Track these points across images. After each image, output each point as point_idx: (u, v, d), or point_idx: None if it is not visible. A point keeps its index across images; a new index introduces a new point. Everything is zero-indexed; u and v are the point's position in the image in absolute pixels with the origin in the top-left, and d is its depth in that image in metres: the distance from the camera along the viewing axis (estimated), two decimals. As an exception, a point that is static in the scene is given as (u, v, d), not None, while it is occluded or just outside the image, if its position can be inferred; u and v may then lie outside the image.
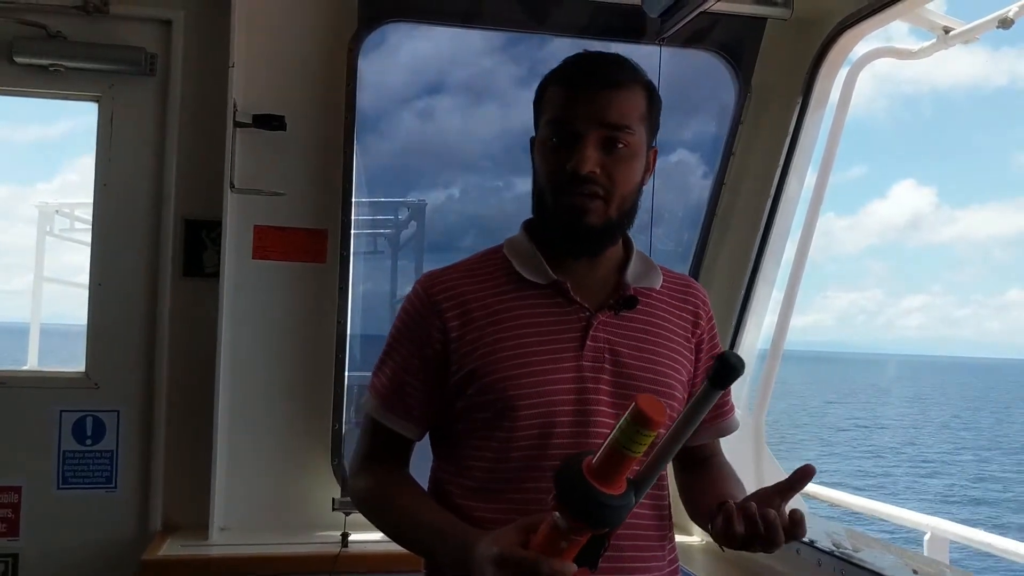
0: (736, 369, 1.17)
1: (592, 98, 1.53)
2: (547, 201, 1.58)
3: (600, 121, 1.52)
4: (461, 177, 4.28)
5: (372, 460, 1.68)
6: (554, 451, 1.51)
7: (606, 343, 1.57)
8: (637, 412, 1.19)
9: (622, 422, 1.20)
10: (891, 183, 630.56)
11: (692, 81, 3.56)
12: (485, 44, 3.57)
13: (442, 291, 1.62)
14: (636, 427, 1.19)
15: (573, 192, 1.52)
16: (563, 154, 1.53)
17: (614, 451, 1.21)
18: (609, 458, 1.22)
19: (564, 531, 1.25)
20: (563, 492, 1.24)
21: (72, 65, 3.06)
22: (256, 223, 3.18)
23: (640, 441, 1.19)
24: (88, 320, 3.15)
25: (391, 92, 3.67)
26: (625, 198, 1.56)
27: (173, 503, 3.15)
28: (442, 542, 1.49)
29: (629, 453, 1.21)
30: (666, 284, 1.69)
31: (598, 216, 1.54)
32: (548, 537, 1.27)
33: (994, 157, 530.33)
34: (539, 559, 1.25)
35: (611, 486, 1.22)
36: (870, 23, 2.99)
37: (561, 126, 1.54)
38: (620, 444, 1.20)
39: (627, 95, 1.55)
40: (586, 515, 1.23)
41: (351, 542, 3.00)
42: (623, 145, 1.53)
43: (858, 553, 2.37)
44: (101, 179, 3.15)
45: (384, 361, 1.67)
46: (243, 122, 3.06)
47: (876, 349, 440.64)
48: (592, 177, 1.51)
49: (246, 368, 3.16)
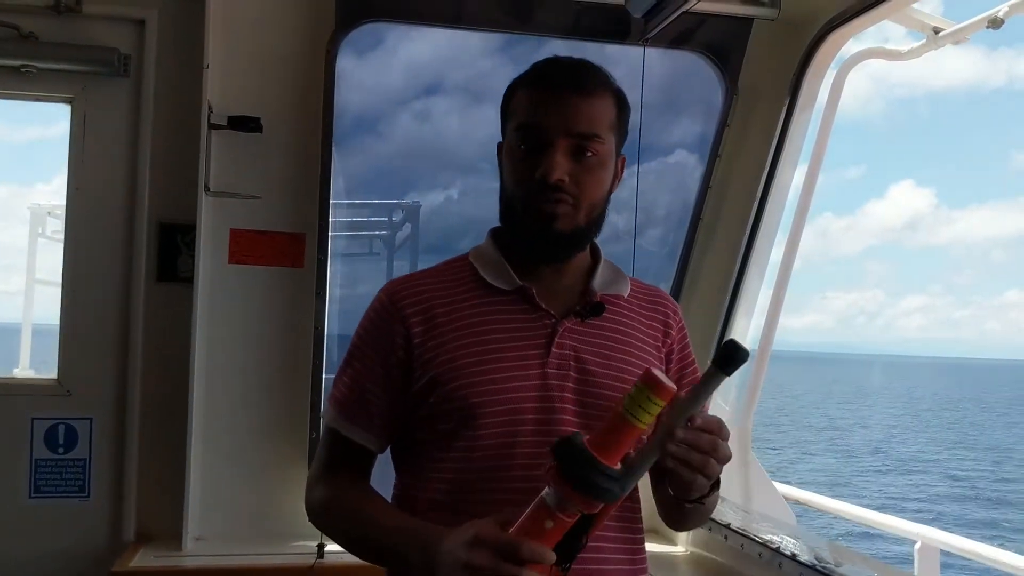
0: (743, 353, 1.21)
1: (562, 105, 1.50)
2: (516, 208, 1.54)
3: (569, 129, 1.49)
4: (455, 179, 4.24)
5: (330, 471, 1.62)
6: (518, 460, 1.46)
7: (572, 350, 1.53)
8: (649, 377, 1.20)
9: (632, 389, 1.22)
10: (889, 184, 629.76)
11: (678, 82, 3.51)
12: (479, 45, 3.53)
13: (406, 297, 1.58)
14: (646, 393, 1.20)
15: (542, 199, 1.49)
16: (532, 161, 1.50)
17: (619, 419, 1.22)
18: (612, 427, 1.22)
19: (552, 508, 1.22)
20: (562, 459, 1.22)
21: (44, 66, 3.01)
22: (232, 227, 3.12)
23: (648, 409, 1.20)
24: (60, 326, 3.10)
25: (384, 93, 3.63)
26: (594, 206, 1.54)
27: (147, 512, 3.09)
28: (405, 541, 1.42)
29: (634, 421, 1.21)
30: (635, 293, 1.66)
31: (567, 222, 1.51)
32: (533, 516, 1.24)
33: (992, 158, 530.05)
34: (519, 540, 1.23)
35: (609, 459, 1.21)
36: (858, 23, 2.94)
37: (530, 132, 1.51)
38: (626, 411, 1.21)
39: (597, 103, 1.52)
40: (586, 483, 1.20)
41: (327, 552, 2.94)
42: (592, 153, 1.50)
43: (840, 568, 2.32)
44: (74, 182, 3.10)
45: (344, 370, 1.62)
46: (218, 124, 3.01)
47: (876, 350, 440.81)
48: (561, 185, 1.48)
49: (221, 375, 3.11)
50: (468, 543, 1.27)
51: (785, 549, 2.58)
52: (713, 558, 3.06)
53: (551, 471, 1.23)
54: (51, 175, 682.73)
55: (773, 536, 2.71)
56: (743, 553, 2.81)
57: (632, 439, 1.22)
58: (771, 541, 2.68)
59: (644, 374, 1.21)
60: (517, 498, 1.42)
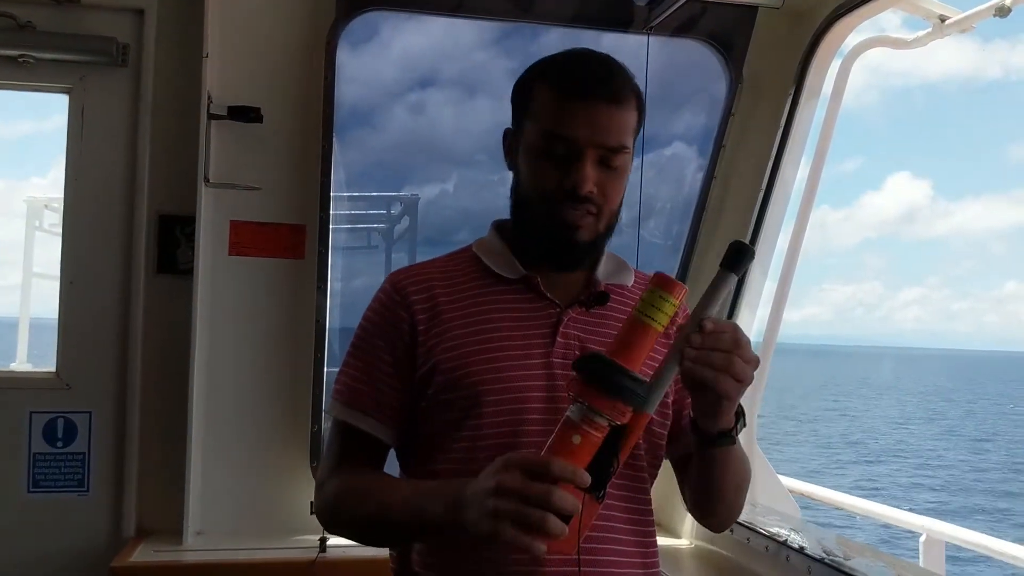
0: (749, 251, 1.25)
1: (592, 116, 1.46)
2: (536, 212, 1.52)
3: (599, 142, 1.46)
4: (454, 171, 4.20)
5: (342, 467, 1.56)
6: (524, 449, 1.41)
7: (577, 339, 1.52)
8: (660, 278, 1.22)
9: (643, 294, 1.23)
10: (886, 176, 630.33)
11: (682, 72, 3.48)
12: (480, 37, 3.50)
13: (411, 284, 1.56)
14: (658, 292, 1.21)
15: (568, 209, 1.48)
16: (558, 169, 1.47)
17: (634, 323, 1.22)
18: (628, 331, 1.23)
19: (578, 423, 1.20)
20: (585, 366, 1.21)
21: (42, 56, 2.98)
22: (232, 218, 3.09)
23: (662, 308, 1.21)
24: (59, 319, 3.06)
25: (383, 85, 3.60)
26: (613, 213, 1.54)
27: (147, 507, 3.07)
28: (429, 498, 1.37)
29: (650, 321, 1.21)
30: (639, 283, 1.64)
31: (589, 232, 1.50)
32: (559, 435, 1.21)
33: (987, 150, 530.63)
34: (550, 457, 1.18)
35: (632, 365, 1.21)
36: (863, 11, 2.91)
37: (558, 141, 1.47)
38: (640, 312, 1.21)
39: (625, 113, 1.49)
40: (608, 383, 1.19)
41: (329, 547, 2.92)
42: (618, 164, 1.49)
43: (849, 561, 2.30)
44: (72, 173, 3.06)
45: (349, 362, 1.58)
46: (218, 114, 2.97)
47: (874, 342, 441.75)
48: (590, 197, 1.47)
49: (222, 368, 3.08)
50: (496, 470, 1.22)
51: (792, 542, 2.55)
52: (719, 551, 3.04)
53: (575, 382, 1.21)
54: (46, 169, 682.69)
55: (780, 529, 2.69)
56: (749, 546, 2.79)
57: (650, 342, 1.22)
58: (778, 534, 2.65)
59: (655, 275, 1.21)
60: None
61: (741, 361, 1.26)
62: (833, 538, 2.51)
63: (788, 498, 3.39)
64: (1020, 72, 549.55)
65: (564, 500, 1.16)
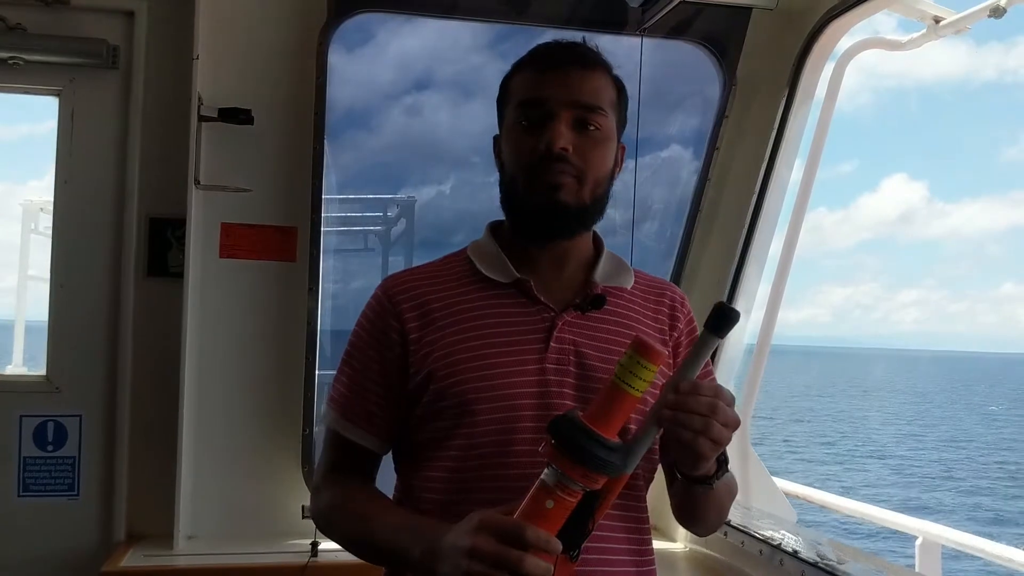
0: (734, 315, 1.21)
1: (564, 77, 1.47)
2: (518, 185, 1.50)
3: (572, 100, 1.46)
4: (450, 173, 4.19)
5: (334, 475, 1.59)
6: (516, 457, 1.42)
7: (571, 344, 1.49)
8: (638, 343, 1.18)
9: (622, 359, 1.19)
10: (881, 178, 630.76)
11: (676, 73, 3.47)
12: (473, 38, 3.49)
13: (402, 292, 1.54)
14: (637, 359, 1.17)
15: (545, 170, 1.45)
16: (534, 135, 1.46)
17: (612, 388, 1.18)
18: (606, 397, 1.19)
19: (552, 488, 1.18)
20: (558, 432, 1.18)
21: (32, 58, 2.97)
22: (223, 220, 3.08)
23: (640, 375, 1.17)
24: (49, 322, 3.05)
25: (376, 87, 3.59)
26: (598, 182, 1.49)
27: (137, 511, 3.05)
28: (408, 538, 1.38)
29: (628, 389, 1.18)
30: (639, 285, 1.61)
31: (570, 194, 1.46)
32: (534, 498, 1.20)
33: (981, 152, 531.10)
34: (523, 524, 1.18)
35: (606, 431, 1.18)
36: (857, 13, 2.91)
37: (531, 107, 1.47)
38: (619, 380, 1.18)
39: (599, 77, 1.50)
40: (583, 454, 1.16)
41: (321, 551, 2.90)
42: (595, 127, 1.47)
43: (842, 565, 2.28)
44: (62, 176, 3.06)
45: (343, 370, 1.58)
46: (208, 116, 2.96)
47: (872, 344, 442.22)
48: (564, 155, 1.44)
49: (213, 371, 3.06)
50: (471, 530, 1.22)
51: (786, 546, 2.54)
52: (713, 555, 3.02)
53: (547, 447, 1.19)
54: (43, 172, 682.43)
55: (774, 533, 2.67)
56: (743, 550, 2.78)
57: (628, 408, 1.19)
58: (772, 538, 2.64)
59: (634, 340, 1.18)
60: (516, 495, 1.38)
61: (719, 425, 1.25)
62: (827, 542, 2.50)
63: (783, 501, 3.37)
64: (1015, 74, 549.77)
65: (536, 568, 1.16)
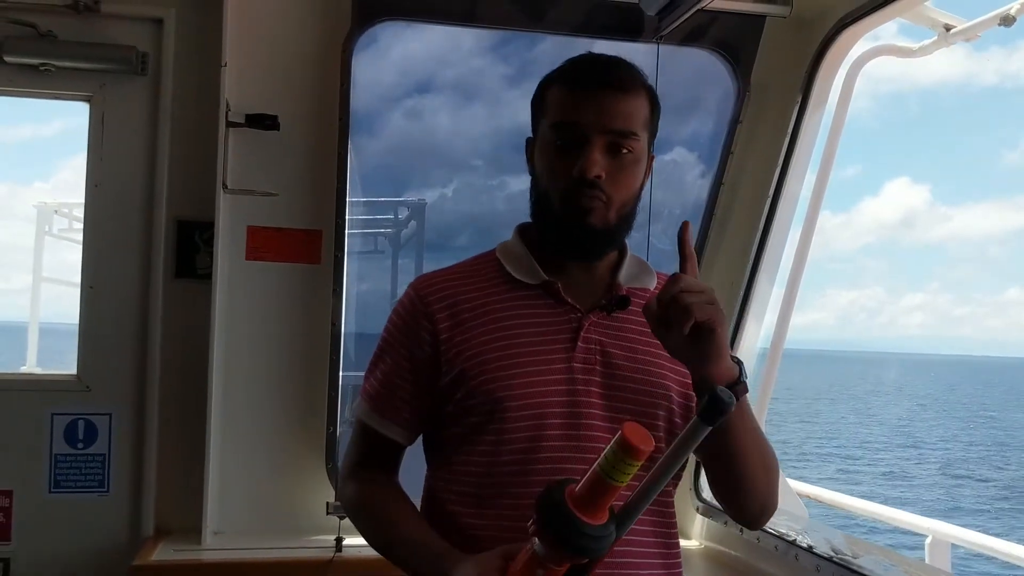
0: (726, 405, 1.17)
1: (599, 102, 1.51)
2: (552, 204, 1.55)
3: (606, 127, 1.51)
4: (459, 176, 4.24)
5: (361, 466, 1.67)
6: (545, 454, 1.48)
7: (597, 344, 1.55)
8: (623, 440, 1.17)
9: (607, 450, 1.19)
10: (884, 181, 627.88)
11: (691, 80, 3.52)
12: (482, 43, 3.54)
13: (433, 292, 1.60)
14: (621, 456, 1.17)
15: (578, 195, 1.51)
16: (569, 158, 1.52)
17: (598, 479, 1.20)
18: (592, 486, 1.20)
19: (542, 559, 1.23)
20: (543, 517, 1.21)
21: (63, 64, 3.04)
22: (249, 224, 3.14)
23: (624, 471, 1.18)
24: (80, 322, 3.12)
25: (390, 91, 3.64)
26: (625, 203, 1.55)
27: (166, 507, 3.11)
28: (421, 557, 1.48)
29: (613, 482, 1.19)
30: (661, 285, 1.66)
31: (599, 218, 1.52)
32: (526, 565, 1.26)
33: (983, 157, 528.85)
34: None
35: (593, 516, 1.20)
36: (870, 21, 2.95)
37: (567, 129, 1.53)
38: (604, 472, 1.19)
39: (633, 100, 1.54)
40: (564, 542, 1.20)
41: (345, 546, 2.97)
42: (627, 151, 1.53)
43: (857, 559, 2.34)
44: (93, 179, 3.12)
45: (375, 364, 1.65)
46: (236, 122, 3.03)
47: (878, 348, 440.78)
48: (598, 182, 1.50)
49: (239, 370, 3.12)
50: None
51: (801, 542, 2.59)
52: (728, 552, 3.08)
53: (534, 526, 1.23)
54: (49, 174, 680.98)
55: (789, 529, 2.73)
56: (759, 546, 2.83)
57: (613, 496, 1.21)
58: (787, 534, 2.69)
59: (619, 435, 1.17)
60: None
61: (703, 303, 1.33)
62: (841, 537, 2.55)
63: (795, 500, 3.42)
64: (1016, 79, 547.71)
65: None
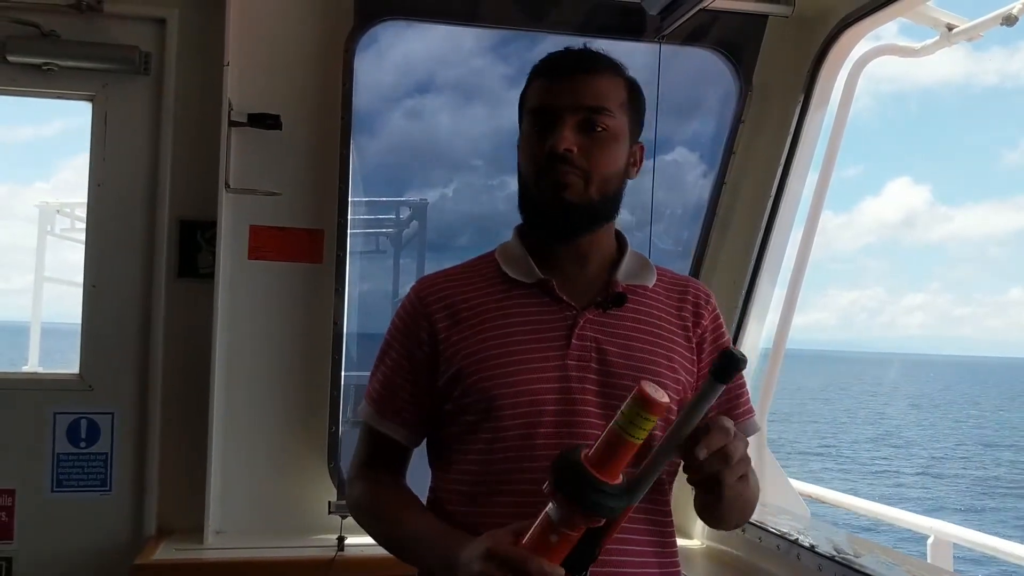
0: (739, 362, 1.19)
1: (569, 82, 1.54)
2: (529, 187, 1.57)
3: (577, 104, 1.53)
4: (460, 176, 4.25)
5: (367, 467, 1.68)
6: (539, 452, 1.48)
7: (593, 342, 1.54)
8: (640, 394, 1.19)
9: (624, 406, 1.21)
10: (885, 181, 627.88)
11: (693, 79, 3.52)
12: (483, 43, 3.54)
13: (433, 294, 1.62)
14: (638, 410, 1.19)
15: (551, 170, 1.52)
16: (543, 139, 1.53)
17: (614, 436, 1.21)
18: (608, 443, 1.22)
19: (556, 523, 1.24)
20: (558, 476, 1.22)
21: (66, 64, 3.04)
22: (252, 223, 3.15)
23: (641, 425, 1.19)
24: (82, 322, 3.12)
25: (391, 91, 3.64)
26: (606, 180, 1.55)
27: (168, 506, 3.12)
28: (430, 546, 1.48)
29: (629, 438, 1.20)
30: (662, 283, 1.66)
31: (577, 193, 1.52)
32: (539, 531, 1.26)
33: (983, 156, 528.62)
34: (528, 556, 1.24)
35: (608, 474, 1.21)
36: (872, 20, 2.95)
37: (540, 113, 1.56)
38: (620, 428, 1.20)
39: (604, 80, 1.56)
40: (580, 498, 1.21)
41: (347, 546, 2.97)
42: (602, 128, 1.53)
43: (859, 559, 2.34)
44: (95, 179, 3.12)
45: (378, 366, 1.66)
46: (238, 121, 3.03)
47: (880, 348, 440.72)
48: (568, 156, 1.51)
49: (242, 370, 3.13)
50: (480, 556, 1.30)
51: (803, 541, 2.59)
52: (730, 551, 3.08)
53: (549, 487, 1.24)
54: (50, 174, 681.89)
55: (791, 528, 2.73)
56: (761, 546, 2.83)
57: (629, 454, 1.22)
58: (789, 533, 2.69)
59: (636, 391, 1.20)
60: (538, 490, 1.45)
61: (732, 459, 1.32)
62: (844, 536, 2.55)
63: (797, 499, 3.42)
64: (1016, 79, 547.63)
65: None
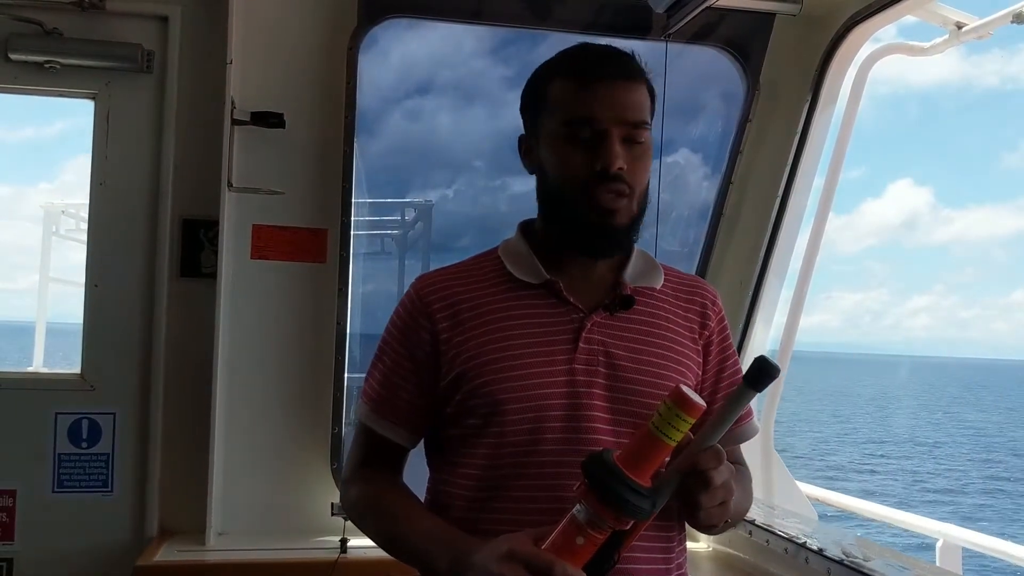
0: (774, 369, 1.20)
1: (613, 94, 1.48)
2: (569, 202, 1.50)
3: (623, 118, 1.47)
4: (462, 177, 4.23)
5: (364, 468, 1.63)
6: (545, 457, 1.45)
7: (600, 344, 1.51)
8: (678, 394, 1.19)
9: (660, 407, 1.20)
10: (886, 183, 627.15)
11: (699, 78, 3.50)
12: (487, 43, 3.53)
13: (433, 292, 1.57)
14: (675, 411, 1.19)
15: (602, 191, 1.47)
16: (587, 152, 1.47)
17: (648, 436, 1.21)
18: (642, 444, 1.22)
19: (583, 525, 1.22)
20: (592, 474, 1.21)
21: (68, 62, 3.02)
22: (255, 222, 3.13)
23: (678, 427, 1.20)
24: (84, 321, 3.10)
25: (393, 92, 3.63)
26: (644, 194, 1.53)
27: (170, 507, 3.10)
28: (437, 547, 1.43)
29: (664, 439, 1.20)
30: (669, 284, 1.62)
31: (625, 215, 1.50)
32: (565, 532, 1.24)
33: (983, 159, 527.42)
34: (553, 558, 1.22)
35: (640, 476, 1.21)
36: (880, 18, 2.94)
37: (583, 124, 1.48)
38: (656, 429, 1.20)
39: (641, 89, 1.51)
40: (615, 500, 1.20)
41: (350, 548, 2.95)
42: (641, 142, 1.50)
43: (868, 562, 2.31)
44: (97, 178, 3.11)
45: (375, 365, 1.62)
46: (241, 119, 3.01)
47: (885, 351, 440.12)
48: (621, 175, 1.46)
49: (244, 370, 3.11)
50: (501, 557, 1.27)
51: (812, 544, 2.56)
52: (737, 555, 3.04)
53: (581, 488, 1.22)
54: (54, 174, 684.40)
55: (799, 532, 2.70)
56: (768, 549, 2.80)
57: (662, 456, 1.22)
58: (797, 537, 2.66)
59: (673, 391, 1.20)
60: (543, 494, 1.42)
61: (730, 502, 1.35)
62: (852, 539, 2.52)
63: (805, 503, 3.40)
64: (1016, 81, 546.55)
65: None
